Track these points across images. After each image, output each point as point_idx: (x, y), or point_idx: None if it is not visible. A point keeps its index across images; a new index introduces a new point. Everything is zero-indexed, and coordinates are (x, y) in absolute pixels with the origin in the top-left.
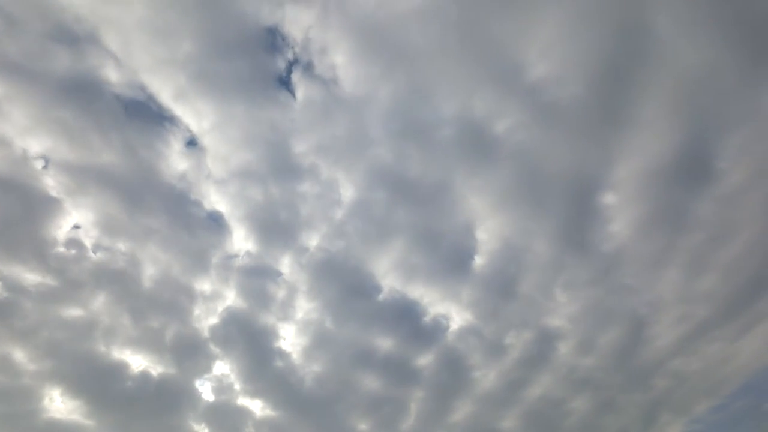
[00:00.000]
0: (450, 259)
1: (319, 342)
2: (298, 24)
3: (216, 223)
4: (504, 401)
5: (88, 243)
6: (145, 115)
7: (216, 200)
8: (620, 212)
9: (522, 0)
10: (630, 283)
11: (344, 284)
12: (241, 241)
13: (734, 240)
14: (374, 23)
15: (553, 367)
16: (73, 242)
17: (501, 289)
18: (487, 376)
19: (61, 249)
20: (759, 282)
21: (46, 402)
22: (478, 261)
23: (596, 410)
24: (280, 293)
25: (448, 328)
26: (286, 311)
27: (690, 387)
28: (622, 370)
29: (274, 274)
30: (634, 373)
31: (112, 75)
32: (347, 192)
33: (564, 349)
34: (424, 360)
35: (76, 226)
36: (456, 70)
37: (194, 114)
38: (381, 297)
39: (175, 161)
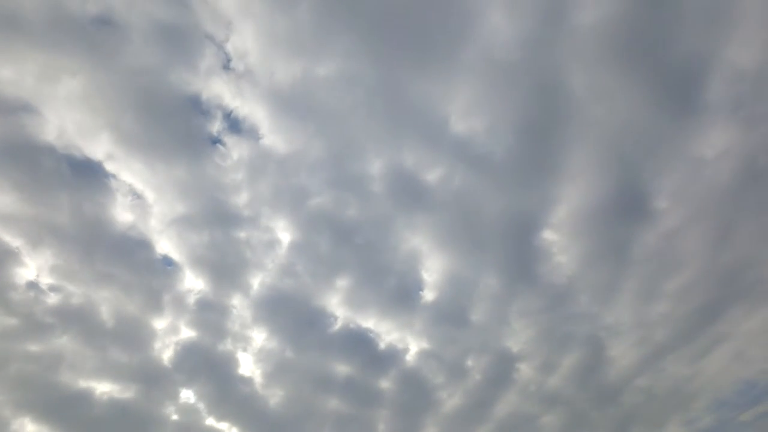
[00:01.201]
0: (398, 293)
1: (280, 369)
2: (219, 94)
3: (168, 265)
4: (473, 418)
5: (48, 287)
6: (90, 174)
7: (165, 246)
8: (564, 248)
9: (436, 66)
10: (584, 310)
11: (297, 317)
12: (192, 281)
13: (680, 272)
14: (294, 90)
15: (519, 387)
16: (34, 287)
17: (454, 319)
18: (453, 396)
19: (23, 293)
20: (711, 308)
21: (16, 427)
22: (427, 294)
23: (568, 426)
24: (235, 327)
25: (406, 353)
26: (243, 342)
27: (660, 402)
28: (589, 388)
29: (227, 309)
30: (603, 390)
31: (53, 140)
32: (291, 235)
33: (527, 369)
34: (386, 383)
35: (36, 273)
36: (382, 127)
37: (137, 172)
38: (335, 328)
39: (124, 213)
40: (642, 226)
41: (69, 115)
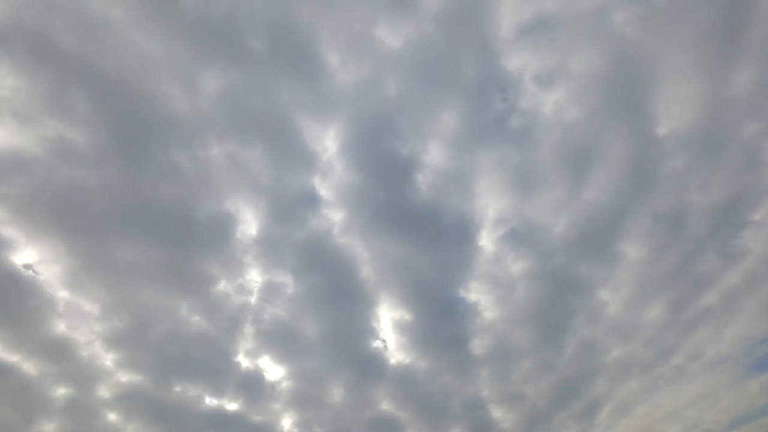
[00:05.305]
0: (248, 386)
1: None
2: None
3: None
4: None
5: None
6: None
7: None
8: (405, 347)
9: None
10: (450, 387)
11: (159, 408)
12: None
13: (523, 359)
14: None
15: None
16: None
17: (314, 401)
18: None
19: None
20: (575, 381)
21: None
22: (282, 383)
23: None
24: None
25: (278, 423)
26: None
27: None
28: None
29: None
30: None
31: None
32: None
33: (417, 429)
34: None
35: None
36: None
37: None
38: (204, 412)
39: None
40: (474, 332)
41: None
